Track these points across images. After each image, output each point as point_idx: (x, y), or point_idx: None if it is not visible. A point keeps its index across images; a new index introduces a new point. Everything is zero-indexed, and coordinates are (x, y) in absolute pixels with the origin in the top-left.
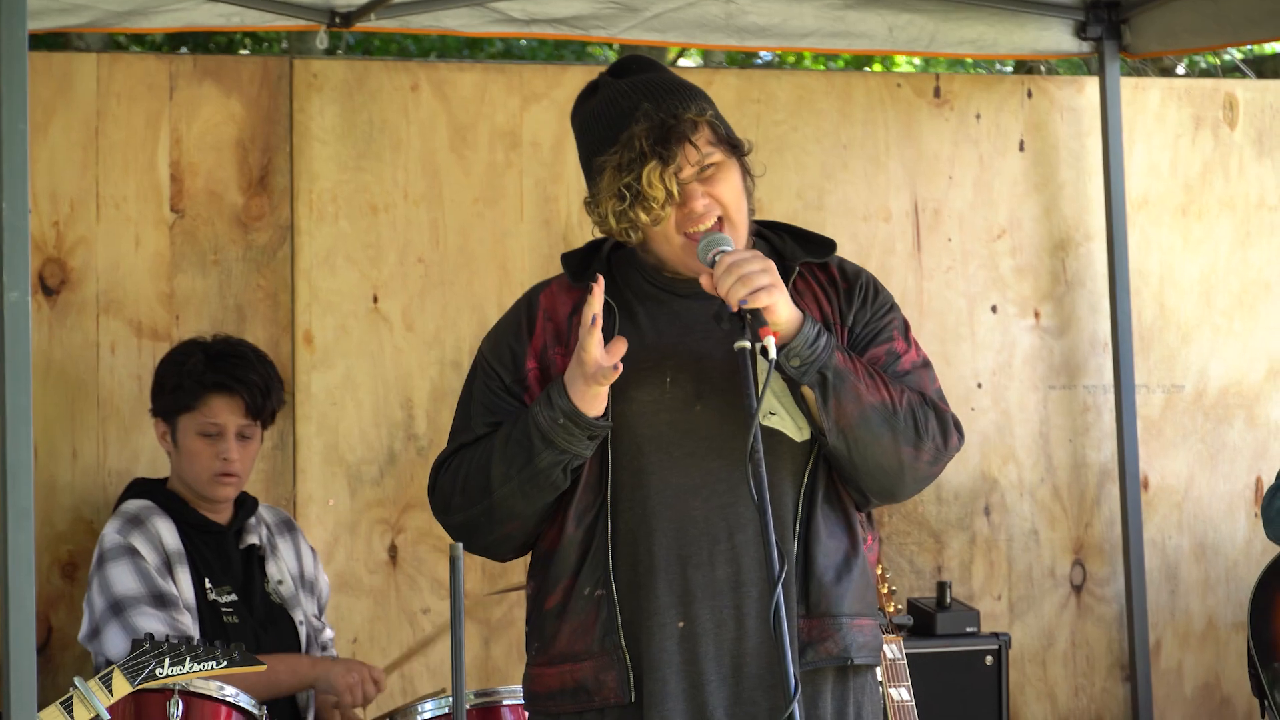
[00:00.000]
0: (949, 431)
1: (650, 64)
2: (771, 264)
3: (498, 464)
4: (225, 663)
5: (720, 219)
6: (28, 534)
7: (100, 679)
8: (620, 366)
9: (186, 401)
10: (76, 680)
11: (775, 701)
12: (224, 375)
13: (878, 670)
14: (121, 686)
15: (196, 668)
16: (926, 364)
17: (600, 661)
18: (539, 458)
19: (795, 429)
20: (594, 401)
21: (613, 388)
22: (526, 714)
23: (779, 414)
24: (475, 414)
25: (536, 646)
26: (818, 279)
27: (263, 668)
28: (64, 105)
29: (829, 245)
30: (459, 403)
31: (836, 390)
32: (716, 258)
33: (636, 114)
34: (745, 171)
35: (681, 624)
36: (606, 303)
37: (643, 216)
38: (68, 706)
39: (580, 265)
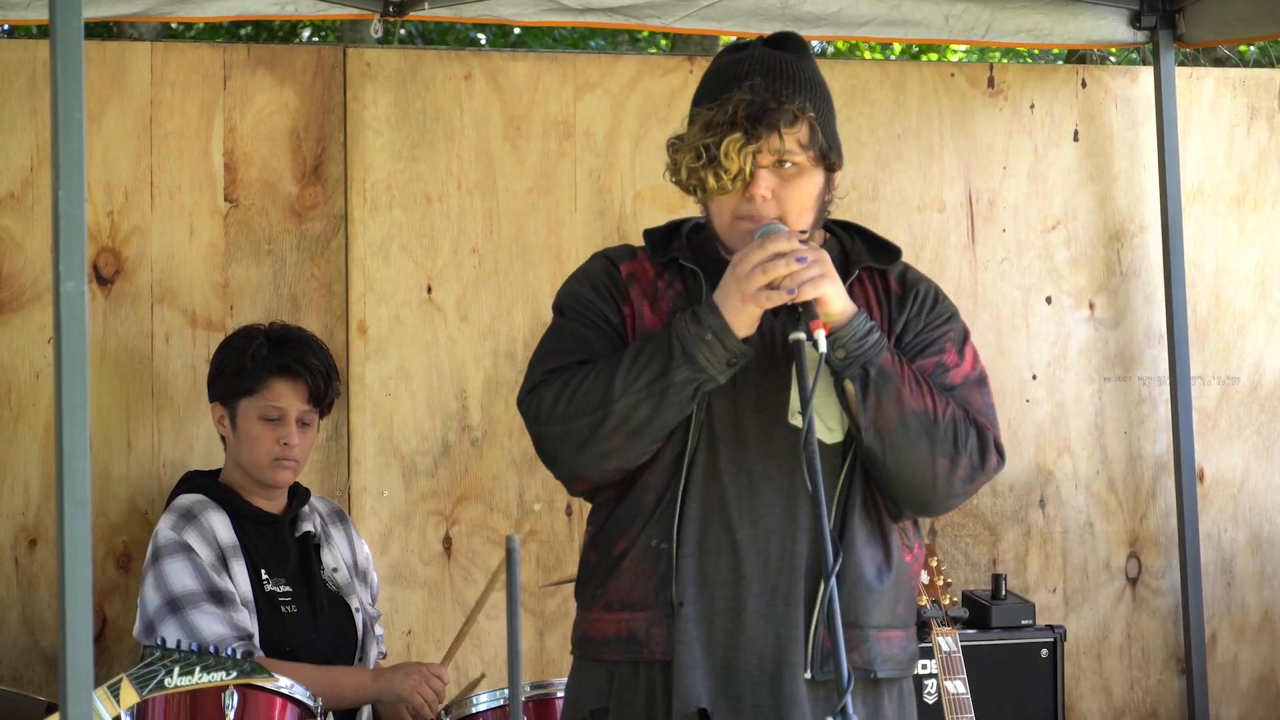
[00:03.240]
0: (988, 451)
1: (802, 48)
2: (825, 254)
3: (625, 374)
4: (235, 673)
5: (777, 219)
6: (84, 525)
7: (109, 688)
8: (794, 293)
9: (249, 385)
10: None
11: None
12: (288, 359)
13: (907, 682)
14: (129, 696)
15: (205, 678)
16: (981, 380)
17: (653, 614)
18: (675, 372)
19: (825, 430)
20: (747, 322)
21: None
22: (573, 658)
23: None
24: (572, 347)
25: (598, 592)
26: (875, 284)
27: (274, 679)
28: (118, 94)
29: (895, 252)
30: (546, 339)
31: (878, 389)
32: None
33: (745, 83)
34: (828, 186)
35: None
36: (691, 270)
37: (711, 181)
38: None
39: (661, 243)
